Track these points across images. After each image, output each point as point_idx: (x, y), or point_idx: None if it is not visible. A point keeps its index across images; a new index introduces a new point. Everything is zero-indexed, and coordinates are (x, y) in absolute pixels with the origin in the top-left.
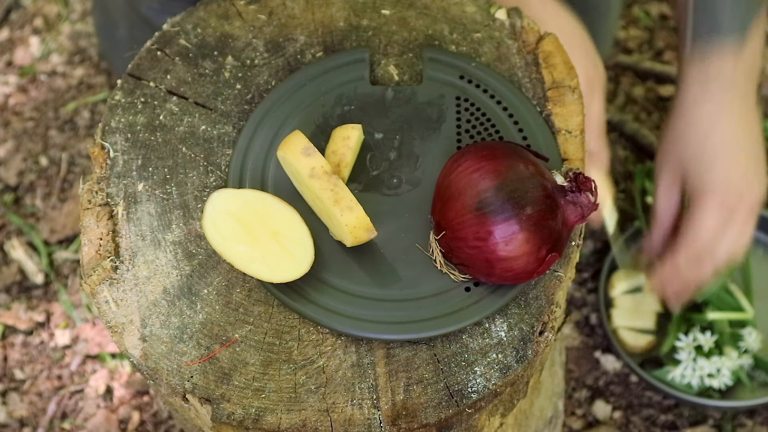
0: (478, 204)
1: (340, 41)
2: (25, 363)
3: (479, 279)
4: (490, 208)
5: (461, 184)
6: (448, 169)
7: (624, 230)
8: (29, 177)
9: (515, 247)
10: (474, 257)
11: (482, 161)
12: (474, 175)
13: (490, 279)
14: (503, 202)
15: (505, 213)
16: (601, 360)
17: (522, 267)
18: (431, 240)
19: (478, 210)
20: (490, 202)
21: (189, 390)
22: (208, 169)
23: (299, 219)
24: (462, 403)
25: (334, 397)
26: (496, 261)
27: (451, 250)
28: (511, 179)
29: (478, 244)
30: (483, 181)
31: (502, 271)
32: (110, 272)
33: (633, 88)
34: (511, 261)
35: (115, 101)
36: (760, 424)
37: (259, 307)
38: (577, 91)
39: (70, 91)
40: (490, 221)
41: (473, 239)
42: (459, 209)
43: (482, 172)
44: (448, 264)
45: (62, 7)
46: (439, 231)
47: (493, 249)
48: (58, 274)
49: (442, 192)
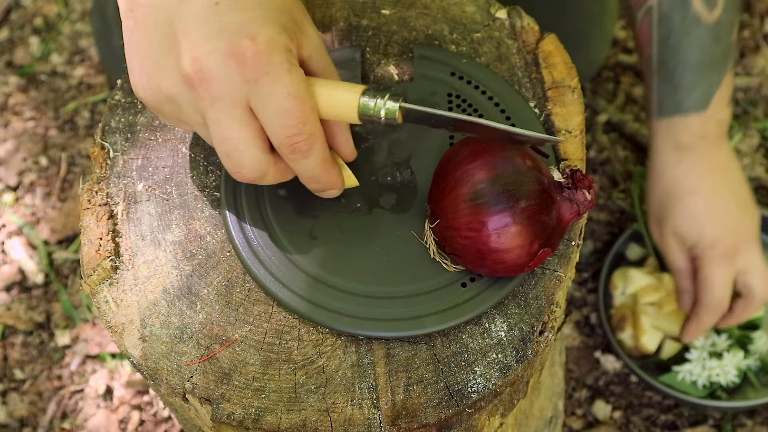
0: (473, 195)
1: (340, 41)
2: (25, 363)
3: (471, 269)
4: (485, 199)
5: (458, 174)
6: (447, 158)
7: (624, 230)
8: (29, 177)
9: (507, 239)
10: (466, 247)
11: (481, 153)
12: (471, 165)
13: (482, 270)
14: (498, 194)
15: (499, 205)
16: (601, 360)
17: (513, 260)
18: (426, 228)
19: (473, 201)
20: (485, 193)
21: (189, 390)
22: (208, 169)
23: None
24: (462, 403)
25: (334, 397)
26: (488, 252)
27: (444, 239)
28: (508, 172)
29: (470, 235)
30: (479, 173)
31: (493, 262)
32: (110, 272)
33: (633, 88)
34: (503, 253)
35: (115, 101)
36: (760, 424)
37: (259, 307)
38: (577, 90)
39: (70, 91)
40: (484, 212)
41: (466, 229)
42: (454, 199)
43: (479, 163)
44: (441, 253)
45: (62, 7)
46: (434, 219)
47: (486, 240)
48: (58, 274)
49: (439, 181)
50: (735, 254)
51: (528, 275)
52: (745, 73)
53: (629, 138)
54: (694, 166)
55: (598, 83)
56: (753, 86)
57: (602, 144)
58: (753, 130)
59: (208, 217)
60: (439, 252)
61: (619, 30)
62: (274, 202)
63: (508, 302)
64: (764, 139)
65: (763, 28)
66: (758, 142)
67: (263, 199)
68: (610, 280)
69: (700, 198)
